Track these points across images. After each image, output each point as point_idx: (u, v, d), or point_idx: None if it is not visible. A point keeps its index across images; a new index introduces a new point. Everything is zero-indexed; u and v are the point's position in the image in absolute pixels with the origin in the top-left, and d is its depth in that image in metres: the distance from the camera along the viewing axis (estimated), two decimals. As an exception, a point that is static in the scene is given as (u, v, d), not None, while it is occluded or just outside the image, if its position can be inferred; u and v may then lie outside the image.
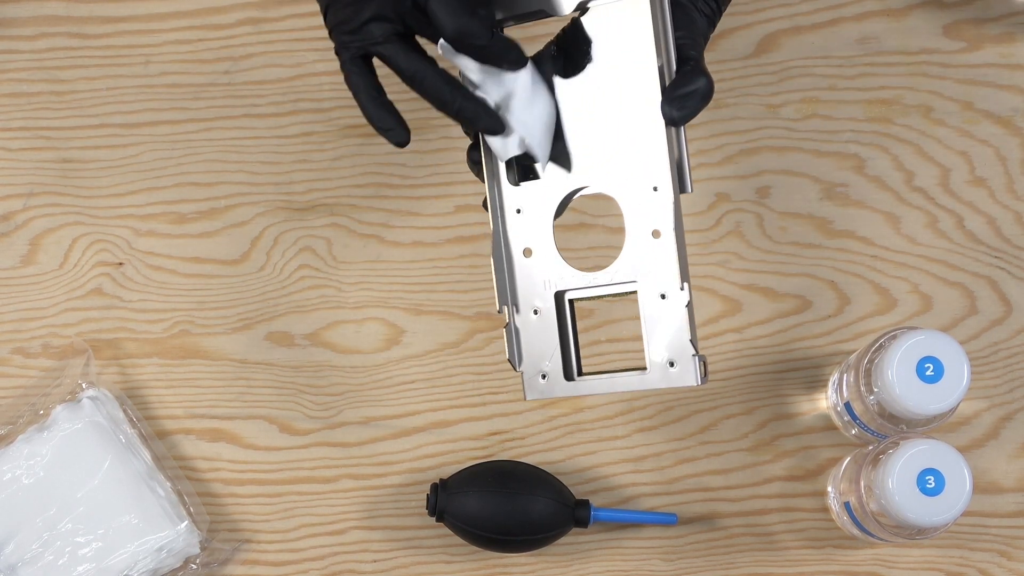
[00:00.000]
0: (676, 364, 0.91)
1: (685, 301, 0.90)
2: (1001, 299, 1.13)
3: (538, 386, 0.95)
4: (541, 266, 0.95)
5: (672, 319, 0.91)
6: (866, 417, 1.06)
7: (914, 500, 1.00)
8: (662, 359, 0.91)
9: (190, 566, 1.11)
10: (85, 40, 1.16)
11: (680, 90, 0.90)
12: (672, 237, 0.91)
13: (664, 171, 0.91)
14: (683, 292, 0.90)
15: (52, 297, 1.14)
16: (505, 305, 0.95)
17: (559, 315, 0.94)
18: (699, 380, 0.90)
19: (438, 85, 0.91)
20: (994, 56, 1.14)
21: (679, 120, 0.90)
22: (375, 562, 1.12)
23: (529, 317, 0.95)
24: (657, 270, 0.91)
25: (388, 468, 1.13)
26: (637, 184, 0.92)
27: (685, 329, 0.90)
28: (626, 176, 0.92)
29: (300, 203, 1.15)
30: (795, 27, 1.15)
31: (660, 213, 0.91)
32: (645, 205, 0.91)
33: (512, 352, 0.95)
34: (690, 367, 0.90)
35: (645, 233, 0.92)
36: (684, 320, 0.90)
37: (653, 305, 0.91)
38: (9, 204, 1.15)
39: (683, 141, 0.91)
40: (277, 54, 1.15)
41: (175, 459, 1.13)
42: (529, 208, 0.95)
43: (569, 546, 1.12)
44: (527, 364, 0.95)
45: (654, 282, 0.91)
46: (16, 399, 1.13)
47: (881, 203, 1.14)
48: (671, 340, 0.91)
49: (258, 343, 1.14)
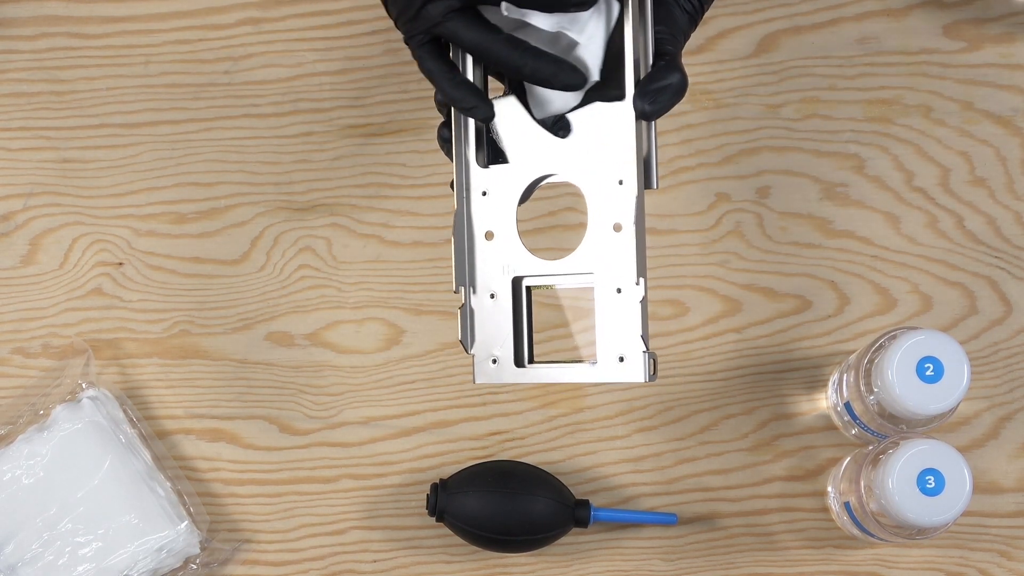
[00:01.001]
0: (626, 359, 0.91)
1: (640, 297, 0.90)
2: (1001, 299, 1.13)
3: (488, 370, 0.94)
4: (501, 250, 0.94)
5: (626, 314, 0.91)
6: (866, 417, 1.06)
7: (914, 500, 1.00)
8: (613, 353, 0.91)
9: (190, 566, 1.11)
10: (85, 40, 1.16)
11: (653, 84, 0.90)
12: (632, 232, 0.91)
13: (631, 165, 0.91)
14: (638, 287, 0.90)
15: (52, 297, 1.14)
16: (462, 286, 0.94)
17: (515, 301, 0.94)
18: (647, 377, 0.90)
19: (506, 52, 0.89)
20: (994, 56, 1.14)
21: (650, 114, 0.90)
22: (375, 562, 1.12)
23: (485, 300, 0.94)
24: (615, 264, 0.91)
25: (388, 468, 1.13)
26: (603, 176, 0.92)
27: (637, 325, 0.90)
28: (593, 167, 0.92)
29: (300, 203, 1.15)
30: (795, 27, 1.15)
31: (623, 207, 0.91)
32: (609, 198, 0.91)
33: (465, 334, 0.94)
34: (639, 363, 0.90)
35: (607, 226, 0.91)
36: (637, 316, 0.90)
37: (608, 299, 0.91)
38: (9, 204, 1.15)
39: (653, 136, 0.91)
40: (277, 54, 1.15)
41: (175, 459, 1.13)
42: (495, 191, 0.94)
43: (569, 546, 1.12)
44: (479, 347, 0.94)
45: (611, 275, 0.91)
46: (16, 399, 1.13)
47: (881, 203, 1.14)
48: (623, 335, 0.91)
49: (258, 343, 1.14)
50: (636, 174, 0.91)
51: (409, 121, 1.15)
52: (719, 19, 1.15)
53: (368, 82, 1.15)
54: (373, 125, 1.14)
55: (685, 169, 1.14)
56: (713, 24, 1.14)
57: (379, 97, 1.15)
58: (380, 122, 1.14)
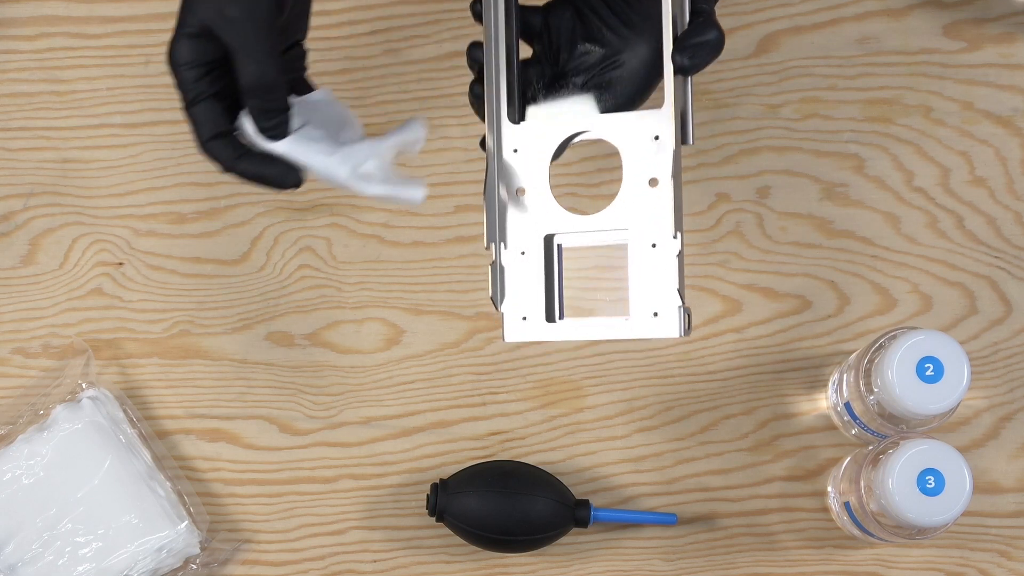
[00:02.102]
0: (660, 314, 0.90)
1: (676, 250, 0.90)
2: (1001, 299, 1.13)
3: (518, 328, 0.94)
4: (533, 207, 0.94)
5: (661, 268, 0.90)
6: (866, 417, 1.06)
7: (914, 500, 1.00)
8: (646, 308, 0.91)
9: (190, 566, 1.11)
10: (85, 40, 1.16)
11: (692, 39, 0.91)
12: (670, 186, 0.91)
13: (668, 120, 0.91)
14: (675, 241, 0.90)
15: (52, 297, 1.14)
16: (493, 242, 0.94)
17: (547, 258, 0.94)
18: (682, 331, 0.90)
19: (240, 166, 0.95)
20: (994, 56, 1.14)
21: (689, 69, 0.91)
22: (375, 562, 1.12)
23: (516, 257, 0.94)
24: (650, 219, 0.91)
25: (388, 468, 1.13)
26: (639, 132, 0.92)
27: (674, 279, 0.90)
28: (628, 123, 0.92)
29: (300, 203, 1.14)
30: (795, 27, 1.15)
31: (659, 162, 0.91)
32: (645, 153, 0.92)
33: (495, 290, 0.94)
34: (674, 317, 0.90)
35: (642, 181, 0.92)
36: (674, 270, 0.90)
37: (643, 254, 0.91)
38: (9, 204, 1.15)
39: (689, 92, 0.92)
40: (277, 54, 1.15)
41: (175, 459, 1.13)
42: (526, 148, 0.95)
43: (569, 546, 1.12)
44: (508, 305, 0.94)
45: (646, 230, 0.91)
46: (16, 399, 1.13)
47: (881, 203, 1.14)
48: (657, 290, 0.90)
49: (258, 343, 1.14)
50: (674, 129, 0.91)
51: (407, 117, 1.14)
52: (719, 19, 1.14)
53: (368, 82, 1.15)
54: (373, 125, 1.14)
55: (685, 169, 1.14)
56: (713, 24, 1.15)
57: (379, 97, 1.15)
58: (380, 122, 1.14)
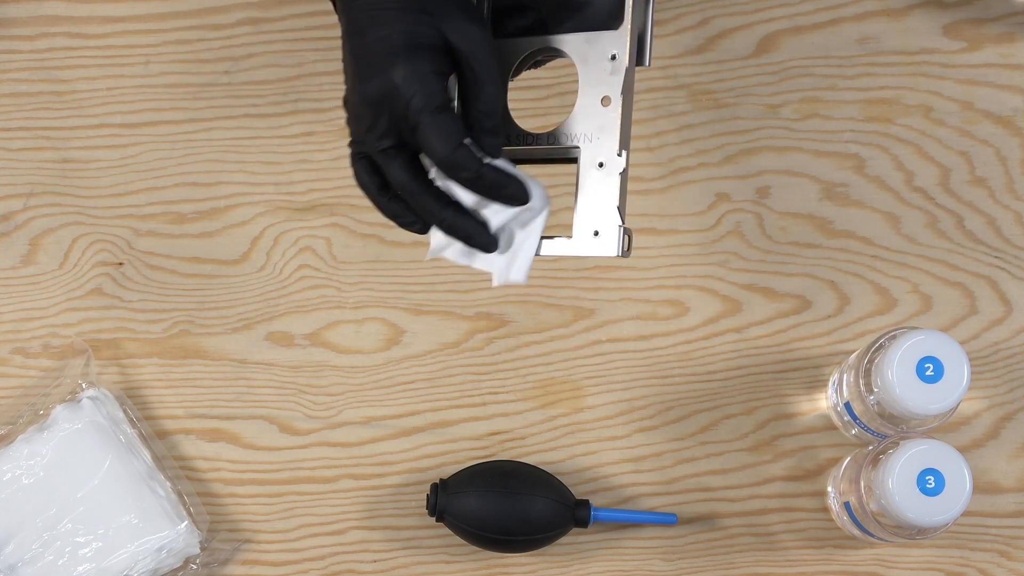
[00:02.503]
0: (600, 233, 0.90)
1: (620, 168, 0.90)
2: (1001, 299, 1.13)
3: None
4: None
5: (605, 188, 0.90)
6: (866, 417, 1.06)
7: (914, 500, 1.00)
8: (588, 228, 0.91)
9: (190, 566, 1.11)
10: (85, 40, 1.16)
11: None
12: (619, 103, 0.90)
13: (624, 39, 0.91)
14: (620, 159, 0.90)
15: (52, 297, 1.14)
16: None
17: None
18: (620, 251, 0.90)
19: (429, 203, 0.91)
20: (994, 56, 1.14)
21: None
22: (375, 562, 1.12)
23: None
24: (600, 137, 0.91)
25: (388, 468, 1.13)
26: (597, 51, 0.92)
27: (615, 197, 0.90)
28: (588, 42, 0.92)
29: (300, 203, 1.15)
30: (795, 27, 1.15)
31: (613, 81, 0.91)
32: (601, 72, 0.91)
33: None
34: (614, 237, 0.90)
35: (596, 100, 0.91)
36: (616, 188, 0.90)
37: (590, 174, 0.91)
38: (9, 204, 1.15)
39: (650, 11, 0.91)
40: (277, 54, 1.15)
41: (175, 459, 1.13)
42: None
43: (569, 546, 1.12)
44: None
45: (595, 149, 0.91)
46: (16, 399, 1.13)
47: (881, 203, 1.14)
48: (600, 209, 0.90)
49: (258, 343, 1.14)
50: (628, 47, 0.90)
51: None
52: (719, 19, 1.15)
53: (368, 82, 1.15)
54: (373, 125, 1.14)
55: (685, 169, 1.14)
56: (713, 24, 1.14)
57: (379, 97, 1.15)
58: (380, 122, 1.14)
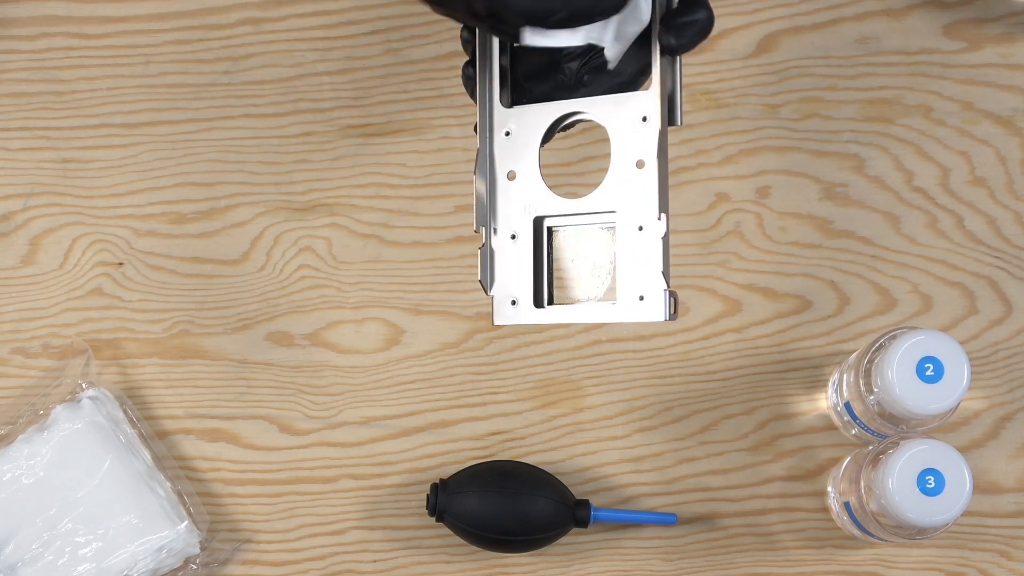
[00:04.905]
0: (646, 298, 0.90)
1: (661, 233, 0.90)
2: (1001, 299, 1.13)
3: (507, 312, 0.93)
4: (523, 190, 0.94)
5: (647, 251, 0.90)
6: (866, 417, 1.06)
7: (914, 500, 1.00)
8: (633, 292, 0.90)
9: (190, 566, 1.11)
10: (85, 40, 1.16)
11: (680, 19, 0.90)
12: (655, 167, 0.90)
13: (655, 100, 0.90)
14: (660, 223, 0.90)
15: (52, 297, 1.14)
16: (483, 226, 0.94)
17: (536, 241, 0.93)
18: (667, 315, 0.89)
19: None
20: (994, 56, 1.14)
21: (676, 49, 0.90)
22: (375, 562, 1.12)
23: (505, 241, 0.94)
24: (637, 201, 0.91)
25: (388, 468, 1.13)
26: (627, 113, 0.91)
27: (658, 261, 0.89)
28: (616, 104, 0.92)
29: (300, 203, 1.15)
30: (795, 27, 1.15)
31: (646, 143, 0.91)
32: (633, 135, 0.91)
33: (485, 274, 0.94)
34: (659, 301, 0.89)
35: (630, 164, 0.91)
36: (658, 252, 0.90)
37: (630, 237, 0.91)
38: (9, 204, 1.15)
39: (678, 72, 0.91)
40: (277, 54, 1.15)
41: (175, 459, 1.13)
42: (517, 132, 0.94)
43: (569, 546, 1.12)
44: (498, 288, 0.94)
45: (633, 213, 0.91)
46: (16, 399, 1.13)
47: (881, 203, 1.14)
48: (643, 273, 0.90)
49: (258, 343, 1.14)
50: (660, 109, 0.90)
51: (409, 121, 1.15)
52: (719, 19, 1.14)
53: (368, 82, 1.15)
54: (373, 125, 1.14)
55: (685, 169, 1.14)
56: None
57: (379, 97, 1.15)
58: (380, 122, 1.15)
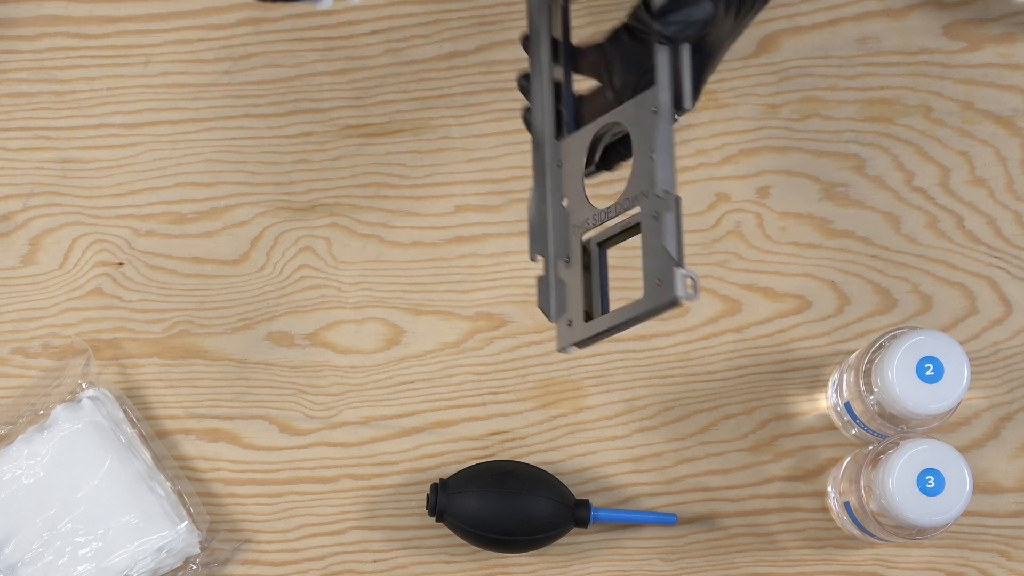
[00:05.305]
0: (663, 281, 0.89)
1: (672, 215, 0.89)
2: (1001, 299, 1.13)
3: (566, 333, 0.94)
4: (572, 215, 0.95)
5: (661, 236, 0.89)
6: (866, 417, 1.06)
7: (914, 500, 1.00)
8: (652, 280, 0.89)
9: (190, 566, 1.11)
10: (85, 40, 1.16)
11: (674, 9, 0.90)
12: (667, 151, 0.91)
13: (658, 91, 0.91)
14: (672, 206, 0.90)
15: (52, 297, 1.14)
16: (543, 255, 0.95)
17: (587, 261, 0.94)
18: (684, 294, 0.87)
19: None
20: (994, 56, 1.14)
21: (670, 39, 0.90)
22: (375, 562, 1.12)
23: (560, 267, 0.95)
24: (652, 191, 0.91)
25: (388, 468, 1.13)
26: (643, 110, 0.92)
27: (672, 241, 0.89)
28: (636, 106, 0.93)
29: (300, 203, 1.15)
30: (795, 27, 1.15)
31: (655, 132, 0.91)
32: (648, 129, 0.92)
33: (547, 303, 0.94)
34: (675, 280, 0.88)
35: (646, 158, 0.92)
36: (671, 232, 0.89)
37: (649, 228, 0.91)
38: (9, 204, 1.15)
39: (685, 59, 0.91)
40: (277, 54, 1.15)
41: (175, 459, 1.13)
42: (566, 160, 0.96)
43: (569, 546, 1.12)
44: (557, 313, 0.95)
45: (649, 203, 0.91)
46: (16, 399, 1.13)
47: (881, 203, 1.14)
48: (659, 258, 0.89)
49: (258, 343, 1.14)
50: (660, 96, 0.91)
51: (409, 121, 1.15)
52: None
53: (368, 82, 1.15)
54: (373, 125, 1.14)
55: (685, 169, 1.14)
56: (713, 24, 1.14)
57: (379, 97, 1.15)
58: (380, 122, 1.15)
